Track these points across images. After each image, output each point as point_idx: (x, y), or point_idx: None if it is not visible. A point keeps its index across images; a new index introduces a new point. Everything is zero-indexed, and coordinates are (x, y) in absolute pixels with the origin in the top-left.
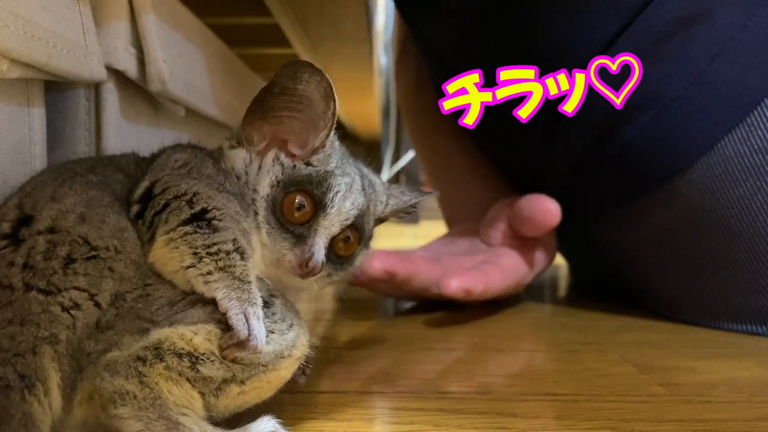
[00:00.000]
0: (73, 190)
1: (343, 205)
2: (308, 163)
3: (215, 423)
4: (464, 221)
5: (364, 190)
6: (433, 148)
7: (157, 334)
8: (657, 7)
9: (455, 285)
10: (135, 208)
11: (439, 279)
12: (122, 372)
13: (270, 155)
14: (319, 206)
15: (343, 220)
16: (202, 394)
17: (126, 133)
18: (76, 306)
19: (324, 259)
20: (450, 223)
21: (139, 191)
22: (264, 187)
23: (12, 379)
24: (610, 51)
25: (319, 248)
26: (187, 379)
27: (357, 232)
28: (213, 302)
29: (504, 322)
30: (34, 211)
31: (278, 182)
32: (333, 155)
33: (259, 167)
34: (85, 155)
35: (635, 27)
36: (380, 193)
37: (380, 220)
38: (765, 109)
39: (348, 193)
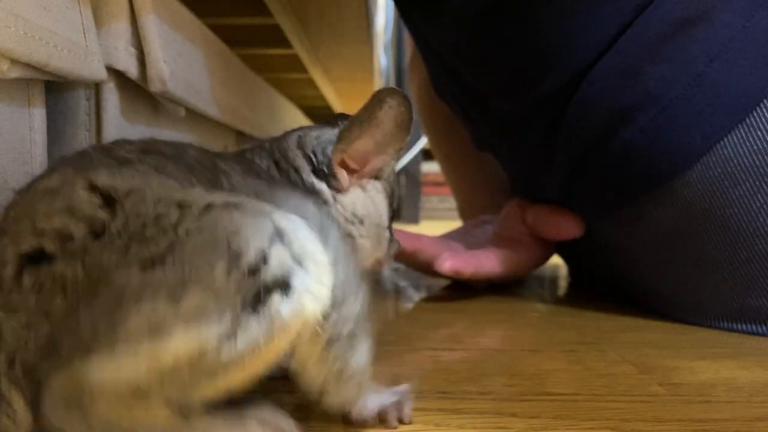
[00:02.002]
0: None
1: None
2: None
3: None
4: (478, 213)
5: None
6: (448, 145)
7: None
8: (656, 9)
9: (448, 265)
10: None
11: (439, 256)
12: (64, 403)
13: (364, 183)
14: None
15: None
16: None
17: (126, 134)
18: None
19: None
20: (464, 215)
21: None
22: (384, 217)
23: None
24: (610, 51)
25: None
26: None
27: None
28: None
29: (504, 322)
30: None
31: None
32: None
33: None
34: None
35: (635, 28)
36: None
37: None
38: (764, 110)
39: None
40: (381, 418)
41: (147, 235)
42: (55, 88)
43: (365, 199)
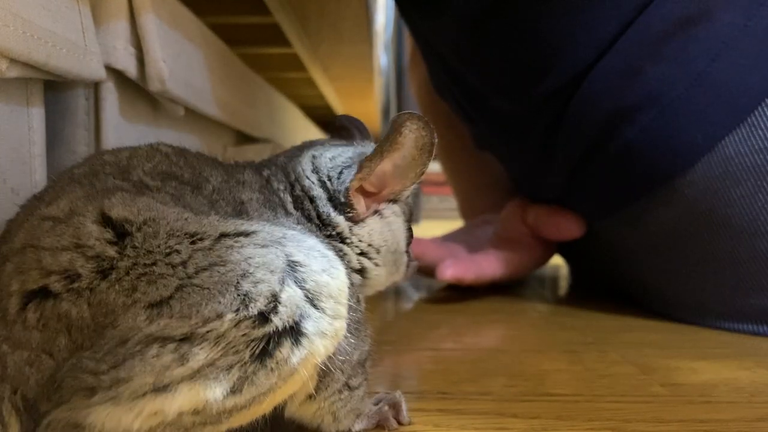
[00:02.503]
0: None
1: None
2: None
3: None
4: (479, 213)
5: None
6: (448, 143)
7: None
8: (657, 8)
9: (449, 273)
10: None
11: (441, 261)
12: None
13: (382, 208)
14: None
15: None
16: None
17: (125, 133)
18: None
19: None
20: (465, 215)
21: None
22: (402, 243)
23: None
24: (611, 51)
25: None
26: None
27: None
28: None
29: (504, 322)
30: None
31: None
32: None
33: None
34: (84, 155)
35: (636, 27)
36: None
37: None
38: (766, 109)
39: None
40: (380, 425)
41: (156, 273)
42: (54, 88)
43: (382, 227)
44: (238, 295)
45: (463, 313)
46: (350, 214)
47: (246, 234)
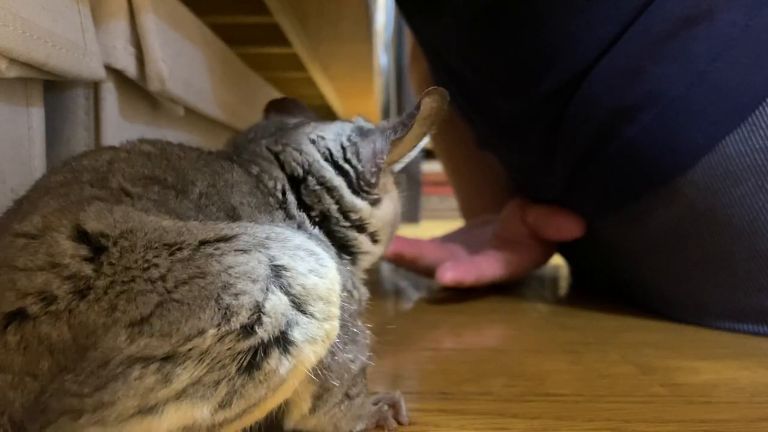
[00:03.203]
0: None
1: None
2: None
3: None
4: (479, 213)
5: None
6: (447, 142)
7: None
8: (658, 7)
9: (449, 277)
10: None
11: (440, 263)
12: None
13: (384, 183)
14: None
15: None
16: None
17: (125, 133)
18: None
19: None
20: (465, 215)
21: None
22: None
23: None
24: (611, 50)
25: None
26: None
27: None
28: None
29: (504, 322)
30: None
31: None
32: None
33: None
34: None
35: (637, 26)
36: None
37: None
38: (766, 109)
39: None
40: (380, 424)
41: (135, 290)
42: (53, 88)
43: (388, 202)
44: (219, 309)
45: (463, 313)
46: (374, 197)
47: (226, 239)
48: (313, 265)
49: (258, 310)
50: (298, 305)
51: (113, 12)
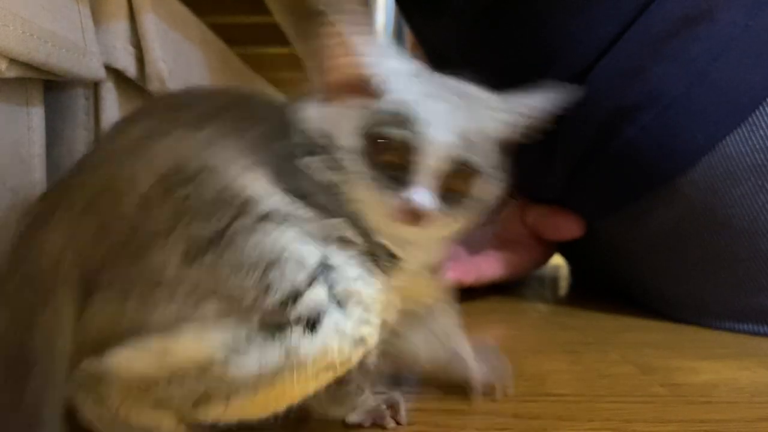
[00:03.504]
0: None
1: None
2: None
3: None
4: None
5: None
6: None
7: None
8: (658, 7)
9: (449, 276)
10: None
11: None
12: (82, 390)
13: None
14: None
15: (440, 153)
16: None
17: None
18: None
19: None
20: None
21: None
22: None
23: None
24: (612, 50)
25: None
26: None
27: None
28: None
29: (504, 322)
30: None
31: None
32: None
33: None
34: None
35: (637, 26)
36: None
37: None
38: (767, 109)
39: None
40: (376, 422)
41: (203, 212)
42: (53, 88)
43: None
44: (263, 278)
45: (463, 313)
46: None
47: (290, 221)
48: (361, 274)
49: (296, 293)
50: (339, 301)
51: (113, 12)
